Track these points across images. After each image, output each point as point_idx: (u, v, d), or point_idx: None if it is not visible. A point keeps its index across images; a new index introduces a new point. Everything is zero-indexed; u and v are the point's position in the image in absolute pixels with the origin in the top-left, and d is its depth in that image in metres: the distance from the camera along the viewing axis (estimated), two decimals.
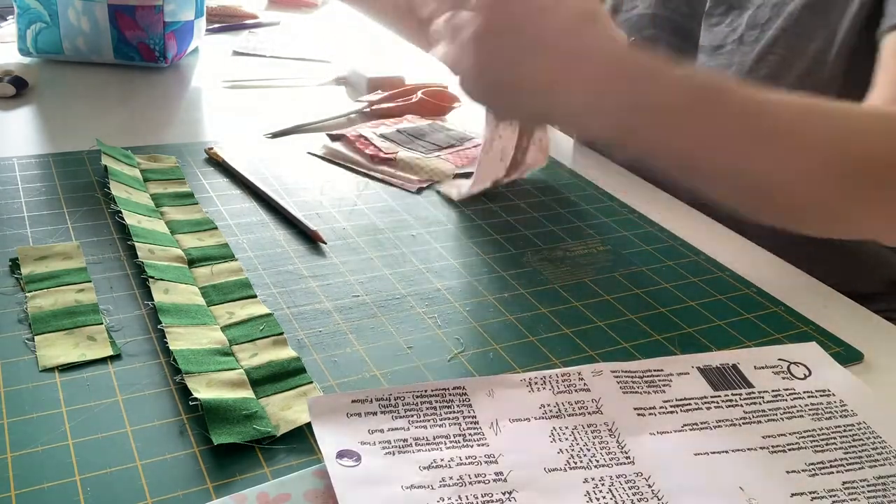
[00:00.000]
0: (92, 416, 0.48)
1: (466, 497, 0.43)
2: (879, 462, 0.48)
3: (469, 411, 0.48)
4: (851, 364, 0.57)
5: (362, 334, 0.57)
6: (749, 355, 0.56)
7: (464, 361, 0.55)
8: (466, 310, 0.61)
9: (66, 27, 1.08)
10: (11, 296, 0.59)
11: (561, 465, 0.45)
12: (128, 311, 0.58)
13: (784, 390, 0.53)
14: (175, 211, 0.71)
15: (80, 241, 0.66)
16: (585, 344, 0.57)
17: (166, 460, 0.45)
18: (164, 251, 0.64)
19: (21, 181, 0.75)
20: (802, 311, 0.63)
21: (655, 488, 0.44)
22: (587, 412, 0.49)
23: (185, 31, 1.13)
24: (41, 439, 0.46)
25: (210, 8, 1.37)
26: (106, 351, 0.53)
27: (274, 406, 0.49)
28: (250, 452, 0.46)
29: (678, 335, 0.59)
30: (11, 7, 1.12)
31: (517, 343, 0.57)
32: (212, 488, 0.43)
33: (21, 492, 0.42)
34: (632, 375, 0.53)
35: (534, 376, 0.52)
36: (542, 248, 0.71)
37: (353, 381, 0.52)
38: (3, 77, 0.98)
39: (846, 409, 0.52)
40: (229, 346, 0.54)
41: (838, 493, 0.45)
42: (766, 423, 0.50)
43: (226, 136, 0.91)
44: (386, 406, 0.48)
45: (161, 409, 0.49)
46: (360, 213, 0.75)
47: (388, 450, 0.45)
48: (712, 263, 0.70)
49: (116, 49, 1.09)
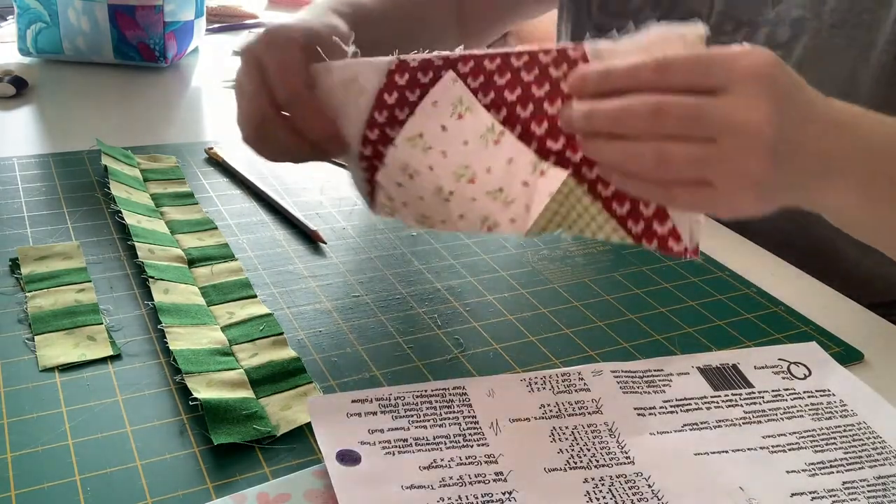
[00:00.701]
0: (92, 416, 0.48)
1: (466, 497, 0.43)
2: (879, 462, 0.48)
3: (469, 411, 0.48)
4: (851, 364, 0.57)
5: (362, 334, 0.57)
6: (749, 355, 0.56)
7: (464, 361, 0.55)
8: (466, 310, 0.61)
9: (66, 27, 1.08)
10: (11, 296, 0.59)
11: (561, 465, 0.45)
12: (128, 311, 0.58)
13: (784, 390, 0.53)
14: (175, 211, 0.71)
15: (80, 241, 0.66)
16: (585, 344, 0.57)
17: (166, 460, 0.45)
18: (164, 251, 0.64)
19: (21, 181, 0.75)
20: (802, 311, 0.63)
21: (655, 488, 0.44)
22: (587, 412, 0.49)
23: (185, 31, 1.13)
24: (41, 439, 0.46)
25: (210, 8, 1.37)
26: (106, 351, 0.53)
27: (274, 406, 0.49)
28: (250, 452, 0.46)
29: (678, 335, 0.59)
30: (11, 7, 1.12)
31: (517, 343, 0.57)
32: (212, 488, 0.43)
33: (21, 492, 0.42)
34: (632, 375, 0.53)
35: (534, 376, 0.52)
36: (542, 248, 0.71)
37: (353, 381, 0.52)
38: (3, 77, 0.98)
39: (846, 409, 0.52)
40: (229, 346, 0.54)
41: (838, 493, 0.45)
42: (766, 423, 0.50)
43: (226, 136, 0.91)
44: (386, 406, 0.48)
45: (161, 409, 0.49)
46: (360, 213, 0.75)
47: (388, 450, 0.45)
48: (712, 263, 0.70)
49: (116, 49, 1.09)
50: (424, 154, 0.52)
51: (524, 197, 0.52)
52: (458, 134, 0.51)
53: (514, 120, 0.50)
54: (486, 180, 0.52)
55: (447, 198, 0.53)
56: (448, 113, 0.51)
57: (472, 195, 0.53)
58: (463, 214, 0.54)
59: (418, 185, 0.54)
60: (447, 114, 0.51)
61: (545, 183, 0.51)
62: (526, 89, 0.50)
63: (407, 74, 0.51)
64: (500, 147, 0.51)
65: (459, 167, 0.52)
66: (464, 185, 0.53)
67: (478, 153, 0.52)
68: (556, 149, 0.50)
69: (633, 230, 0.50)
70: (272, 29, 0.54)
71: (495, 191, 0.52)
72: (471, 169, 0.52)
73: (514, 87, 0.50)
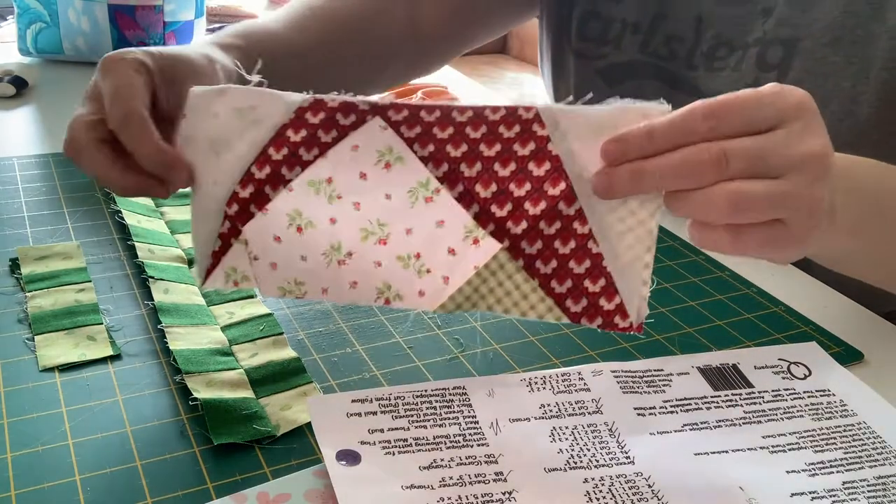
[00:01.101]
0: (92, 416, 0.48)
1: (466, 497, 0.43)
2: (879, 462, 0.48)
3: (469, 411, 0.48)
4: (851, 364, 0.57)
5: (362, 334, 0.57)
6: (749, 355, 0.56)
7: (464, 361, 0.55)
8: None
9: (66, 27, 1.08)
10: (11, 296, 0.59)
11: (561, 465, 0.45)
12: (128, 311, 0.58)
13: (784, 390, 0.53)
14: (175, 211, 0.71)
15: (80, 241, 0.66)
16: (585, 344, 0.57)
17: (166, 460, 0.45)
18: (164, 251, 0.64)
19: (21, 181, 0.75)
20: (802, 311, 0.63)
21: (655, 488, 0.44)
22: (587, 412, 0.49)
23: (185, 31, 1.13)
24: (41, 439, 0.46)
25: (210, 8, 1.37)
26: (106, 351, 0.53)
27: (274, 406, 0.49)
28: (250, 452, 0.46)
29: (678, 335, 0.59)
30: (11, 7, 1.12)
31: (517, 343, 0.57)
32: (212, 488, 0.43)
33: (21, 492, 0.42)
34: (632, 375, 0.53)
35: (534, 376, 0.52)
36: None
37: (353, 381, 0.52)
38: (3, 77, 0.98)
39: (846, 409, 0.52)
40: (229, 346, 0.54)
41: (838, 493, 0.45)
42: (766, 423, 0.50)
43: None
44: (386, 406, 0.48)
45: (161, 409, 0.49)
46: None
47: (388, 450, 0.45)
48: (712, 263, 0.70)
49: (116, 49, 1.09)
50: (329, 203, 0.46)
51: (444, 268, 0.47)
52: (380, 185, 0.46)
53: (456, 178, 0.46)
54: (400, 243, 0.47)
55: (343, 260, 0.47)
56: (372, 160, 0.46)
57: (378, 258, 0.47)
58: (357, 282, 0.48)
59: (305, 241, 0.47)
60: (370, 161, 0.46)
61: (475, 254, 0.47)
62: (473, 146, 0.45)
63: (322, 113, 0.45)
64: (432, 206, 0.46)
65: (372, 224, 0.47)
66: (370, 246, 0.47)
67: (401, 210, 0.46)
68: (499, 215, 0.46)
69: (572, 309, 0.47)
70: (108, 55, 0.52)
71: (409, 257, 0.47)
72: (387, 228, 0.47)
73: (459, 143, 0.45)
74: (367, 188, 0.46)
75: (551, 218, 0.46)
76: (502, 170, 0.45)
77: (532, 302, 0.47)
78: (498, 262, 0.46)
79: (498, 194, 0.46)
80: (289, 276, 0.48)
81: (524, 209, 0.46)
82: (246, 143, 0.46)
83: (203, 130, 0.46)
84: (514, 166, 0.45)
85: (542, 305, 0.47)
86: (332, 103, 0.45)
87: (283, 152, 0.46)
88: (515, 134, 0.45)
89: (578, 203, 0.46)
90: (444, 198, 0.46)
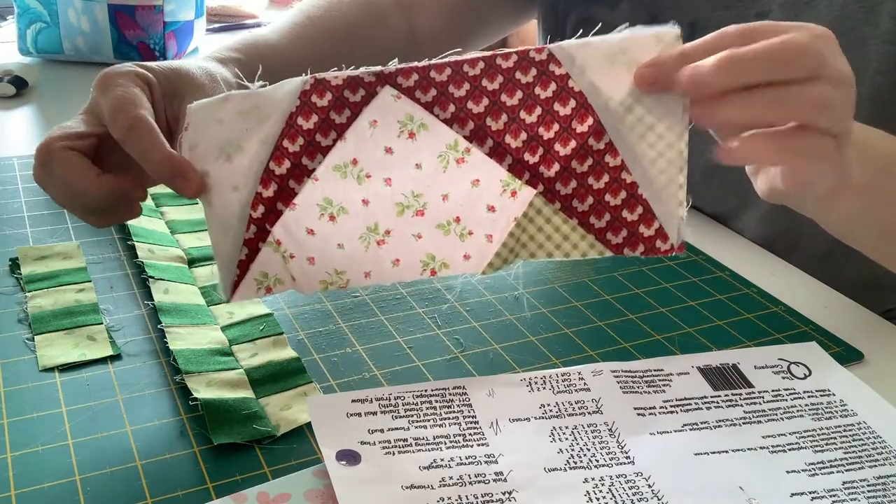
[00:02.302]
0: (92, 416, 0.48)
1: (466, 497, 0.43)
2: (879, 462, 0.48)
3: (469, 411, 0.48)
4: (851, 364, 0.57)
5: (362, 334, 0.57)
6: (749, 355, 0.56)
7: (464, 361, 0.55)
8: (466, 310, 0.61)
9: (66, 27, 1.08)
10: (11, 296, 0.59)
11: (561, 465, 0.45)
12: (128, 311, 0.58)
13: (784, 390, 0.53)
14: (175, 211, 0.71)
15: (80, 241, 0.66)
16: (585, 344, 0.57)
17: (166, 460, 0.45)
18: (164, 251, 0.64)
19: (21, 181, 0.75)
20: (802, 311, 0.63)
21: (655, 488, 0.44)
22: (587, 412, 0.49)
23: (185, 31, 1.13)
24: (41, 439, 0.46)
25: (210, 8, 1.37)
26: (106, 351, 0.53)
27: (274, 406, 0.49)
28: (250, 452, 0.46)
29: (678, 335, 0.59)
30: (11, 7, 1.12)
31: (517, 343, 0.57)
32: (212, 488, 0.43)
33: (21, 492, 0.42)
34: (632, 375, 0.53)
35: (534, 376, 0.52)
36: None
37: (353, 381, 0.52)
38: (3, 77, 0.98)
39: (846, 409, 0.52)
40: (229, 346, 0.54)
41: (838, 493, 0.45)
42: (766, 423, 0.50)
43: None
44: (386, 406, 0.48)
45: (161, 409, 0.49)
46: None
47: (388, 450, 0.45)
48: (712, 263, 0.70)
49: (116, 49, 1.09)
50: (358, 185, 0.45)
51: (486, 226, 0.47)
52: (407, 156, 0.45)
53: (485, 133, 0.45)
54: (438, 210, 0.46)
55: (381, 240, 0.47)
56: (394, 132, 0.45)
57: (418, 231, 0.47)
58: (399, 259, 0.47)
59: (340, 228, 0.46)
60: (392, 133, 0.45)
61: (513, 206, 0.46)
62: (494, 98, 0.45)
63: (329, 94, 0.44)
64: (464, 167, 0.46)
65: (406, 197, 0.46)
66: (408, 219, 0.46)
67: (434, 177, 0.46)
68: (532, 161, 0.46)
69: (614, 241, 0.48)
70: (105, 71, 0.51)
71: (449, 223, 0.47)
72: (422, 198, 0.46)
73: (480, 98, 0.45)
74: (395, 162, 0.45)
75: (582, 156, 0.46)
76: (529, 116, 0.45)
77: (574, 241, 0.48)
78: (535, 209, 0.46)
79: (529, 141, 0.46)
80: (328, 267, 0.48)
81: (555, 151, 0.46)
82: (258, 142, 0.45)
83: (209, 138, 0.45)
84: (539, 110, 0.45)
85: (583, 243, 0.48)
86: (336, 80, 0.44)
87: (298, 142, 0.45)
88: (534, 77, 0.45)
89: (608, 136, 0.46)
90: (475, 156, 0.45)
